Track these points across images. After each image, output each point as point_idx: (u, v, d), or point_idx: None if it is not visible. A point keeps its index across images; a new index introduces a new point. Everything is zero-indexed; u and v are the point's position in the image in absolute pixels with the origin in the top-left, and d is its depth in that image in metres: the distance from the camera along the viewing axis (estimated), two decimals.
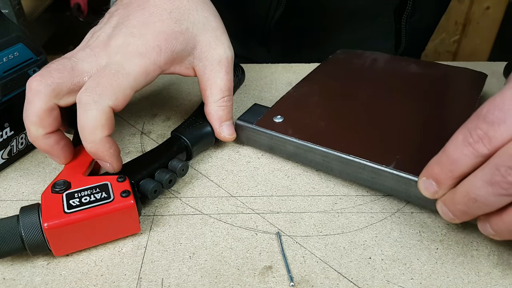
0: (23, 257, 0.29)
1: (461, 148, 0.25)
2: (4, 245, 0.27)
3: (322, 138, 0.35)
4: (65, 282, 0.28)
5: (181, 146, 0.36)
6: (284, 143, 0.36)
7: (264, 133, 0.37)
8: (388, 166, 0.32)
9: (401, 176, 0.31)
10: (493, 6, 1.63)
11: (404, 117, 0.38)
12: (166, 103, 0.47)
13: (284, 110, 0.40)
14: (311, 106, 0.41)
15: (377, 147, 0.34)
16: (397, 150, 0.33)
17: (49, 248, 0.28)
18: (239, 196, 0.35)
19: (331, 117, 0.38)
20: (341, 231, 0.31)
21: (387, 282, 0.28)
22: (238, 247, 0.30)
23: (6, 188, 0.35)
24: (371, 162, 0.32)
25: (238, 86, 0.49)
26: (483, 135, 0.24)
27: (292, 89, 0.44)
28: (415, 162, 0.31)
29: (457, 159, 0.26)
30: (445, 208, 0.28)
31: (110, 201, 0.29)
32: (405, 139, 0.35)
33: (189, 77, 0.38)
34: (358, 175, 0.34)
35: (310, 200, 0.34)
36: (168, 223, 0.32)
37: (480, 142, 0.25)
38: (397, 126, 0.37)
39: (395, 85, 0.44)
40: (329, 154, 0.34)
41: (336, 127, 0.37)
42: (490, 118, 0.24)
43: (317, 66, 0.49)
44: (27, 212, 0.28)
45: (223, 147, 0.40)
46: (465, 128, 0.26)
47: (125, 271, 0.28)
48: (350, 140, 0.35)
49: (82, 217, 0.28)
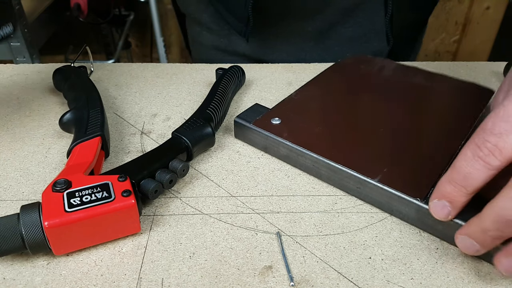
0: (23, 256, 0.29)
1: (472, 163, 0.25)
2: (4, 243, 0.27)
3: (314, 144, 0.36)
4: (65, 282, 0.28)
5: (182, 147, 0.36)
6: (277, 145, 0.37)
7: (260, 133, 0.38)
8: (374, 178, 0.32)
9: (385, 189, 0.31)
10: (493, 6, 1.63)
11: (400, 130, 0.38)
12: (166, 103, 0.47)
13: (283, 113, 0.40)
14: (310, 111, 0.41)
15: (366, 159, 0.34)
16: (386, 164, 0.33)
17: (49, 247, 0.28)
18: (239, 196, 0.35)
19: (327, 124, 0.39)
20: (341, 231, 0.31)
21: (387, 282, 0.28)
22: (238, 247, 0.30)
23: (6, 188, 0.35)
24: (358, 173, 0.33)
25: (238, 87, 0.49)
26: (493, 147, 0.24)
27: (295, 92, 0.44)
28: (400, 178, 0.32)
29: (469, 173, 0.25)
30: (469, 240, 0.27)
31: (111, 201, 0.29)
32: (395, 153, 0.35)
33: (189, 76, 0.38)
34: (344, 184, 0.34)
35: (310, 200, 0.34)
36: (168, 223, 0.32)
37: (491, 155, 0.25)
38: (391, 140, 0.37)
39: (397, 97, 0.43)
40: (318, 160, 0.35)
41: (330, 134, 0.37)
42: (497, 130, 0.24)
43: (324, 70, 0.49)
44: (28, 210, 0.28)
45: (223, 148, 0.40)
46: (472, 143, 0.25)
47: (125, 271, 0.28)
48: (341, 149, 0.35)
49: (83, 216, 0.28)
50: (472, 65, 0.56)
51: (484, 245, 0.26)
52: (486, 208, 0.25)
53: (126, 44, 1.75)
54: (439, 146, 0.35)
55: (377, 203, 0.33)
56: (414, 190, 0.31)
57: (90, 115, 0.38)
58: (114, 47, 1.73)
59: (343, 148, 0.35)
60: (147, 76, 0.53)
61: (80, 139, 0.35)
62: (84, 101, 0.40)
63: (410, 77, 0.47)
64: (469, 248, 0.27)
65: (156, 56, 1.81)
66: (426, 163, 0.33)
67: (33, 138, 0.41)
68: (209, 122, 0.38)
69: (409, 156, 0.35)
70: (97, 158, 0.35)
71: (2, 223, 0.28)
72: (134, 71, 0.54)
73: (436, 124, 0.39)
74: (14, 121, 0.44)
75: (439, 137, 0.37)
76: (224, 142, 0.41)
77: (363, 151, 0.35)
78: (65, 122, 0.38)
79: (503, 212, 0.24)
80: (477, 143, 0.25)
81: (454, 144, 0.35)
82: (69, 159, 0.33)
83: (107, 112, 0.45)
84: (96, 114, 0.38)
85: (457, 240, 0.28)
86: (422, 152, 0.35)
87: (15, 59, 1.15)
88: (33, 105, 0.46)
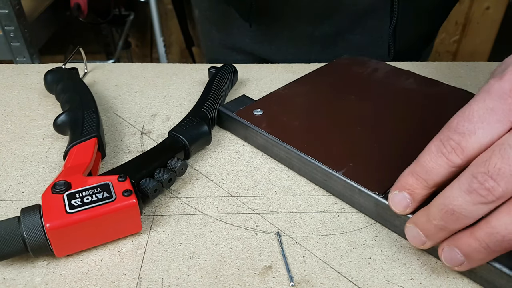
0: (23, 257, 0.29)
1: (435, 158, 0.26)
2: (6, 246, 0.27)
3: (290, 136, 0.37)
4: (65, 282, 0.28)
5: (179, 146, 0.36)
6: (256, 135, 0.39)
7: (241, 122, 0.40)
8: (338, 171, 0.33)
9: (347, 182, 0.33)
10: (493, 6, 1.63)
11: (377, 131, 0.39)
12: (166, 103, 0.47)
13: (266, 105, 0.42)
14: (292, 106, 0.42)
15: (336, 154, 0.35)
16: (353, 160, 0.34)
17: (51, 249, 0.28)
18: (239, 196, 0.35)
19: (306, 119, 0.40)
20: (341, 231, 0.31)
21: (387, 282, 0.28)
22: (238, 247, 0.30)
23: (6, 188, 0.35)
24: (324, 165, 0.34)
25: (231, 85, 0.49)
26: (455, 145, 0.25)
27: (283, 87, 0.46)
28: (364, 173, 0.33)
29: (432, 168, 0.26)
30: (416, 230, 0.27)
31: (112, 201, 0.29)
32: (366, 151, 0.36)
33: (189, 76, 0.38)
34: (313, 175, 0.35)
35: (310, 200, 0.34)
36: (168, 223, 0.32)
37: (453, 152, 0.25)
38: (365, 138, 0.37)
39: (382, 98, 0.44)
40: (290, 151, 0.36)
41: (307, 129, 0.39)
42: (461, 129, 0.25)
43: (316, 68, 0.49)
44: (28, 213, 0.28)
45: (223, 147, 0.40)
46: (437, 139, 0.26)
47: (125, 271, 0.28)
48: (314, 142, 0.37)
49: (85, 217, 0.28)
50: (472, 65, 0.56)
51: (429, 235, 0.27)
52: (435, 198, 0.26)
53: (126, 44, 1.75)
54: (413, 148, 0.35)
55: (341, 195, 0.34)
56: (375, 185, 0.32)
57: (85, 116, 0.38)
58: (114, 47, 1.73)
59: (316, 142, 0.37)
60: (147, 76, 0.53)
61: (77, 140, 0.35)
62: (78, 102, 0.40)
63: (400, 80, 0.47)
64: (416, 238, 0.27)
65: (156, 56, 1.81)
66: (394, 162, 0.34)
67: (33, 138, 0.41)
68: (205, 121, 0.39)
69: (379, 155, 0.35)
70: (94, 159, 0.35)
71: (2, 226, 0.27)
72: (134, 71, 0.54)
73: (415, 127, 0.39)
74: (14, 121, 0.44)
75: (415, 139, 0.37)
76: (224, 142, 0.41)
77: (335, 146, 0.36)
78: (60, 124, 0.38)
79: (446, 201, 0.25)
80: (441, 139, 0.26)
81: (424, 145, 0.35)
82: (67, 161, 0.33)
83: (107, 112, 0.45)
84: (91, 115, 0.38)
85: (406, 229, 0.28)
86: (393, 152, 0.36)
87: (15, 59, 1.15)
88: (33, 105, 0.46)
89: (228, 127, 0.43)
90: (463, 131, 0.25)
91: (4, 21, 1.09)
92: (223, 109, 0.42)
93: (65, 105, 0.41)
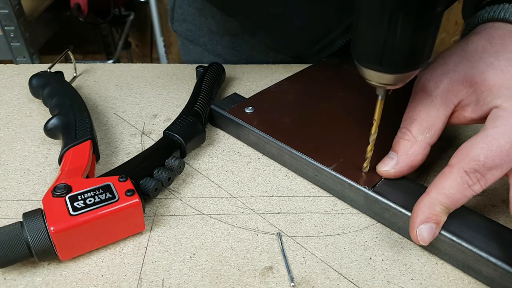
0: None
1: (461, 189, 0.28)
2: (10, 252, 0.27)
3: (281, 133, 0.38)
4: (65, 282, 0.28)
5: (175, 144, 0.37)
6: (247, 132, 0.39)
7: (232, 120, 0.40)
8: (329, 167, 0.34)
9: (338, 177, 0.33)
10: None
11: (364, 126, 0.38)
12: (166, 104, 0.47)
13: (258, 103, 0.42)
14: (283, 103, 0.43)
15: (326, 150, 0.36)
16: (343, 155, 0.35)
17: (55, 252, 0.28)
18: (239, 197, 0.35)
19: (297, 116, 0.41)
20: (342, 232, 0.31)
21: (387, 283, 0.28)
22: (239, 248, 0.30)
23: (7, 188, 0.35)
24: (315, 161, 0.35)
25: (219, 83, 0.49)
26: (481, 177, 0.27)
27: (274, 85, 0.46)
28: (354, 168, 0.34)
29: (459, 199, 0.28)
30: None
31: (115, 201, 0.29)
32: (356, 147, 0.36)
33: (189, 77, 0.38)
34: (304, 171, 0.36)
35: (311, 201, 0.34)
36: (168, 223, 0.32)
37: (478, 183, 0.27)
38: (355, 134, 0.38)
39: (370, 96, 0.43)
40: (282, 148, 0.37)
41: (297, 126, 0.39)
42: (489, 164, 0.27)
43: (307, 67, 0.50)
44: (31, 217, 0.28)
45: (223, 148, 0.40)
46: (460, 170, 0.28)
47: (126, 272, 0.28)
48: (305, 139, 0.37)
49: (90, 218, 0.28)
50: None
51: None
52: None
53: (126, 44, 1.75)
54: None
55: (332, 190, 0.35)
56: (365, 180, 0.32)
57: (77, 119, 0.37)
58: (114, 47, 1.73)
59: (307, 139, 0.37)
60: (148, 77, 0.53)
61: (71, 143, 0.35)
62: (68, 106, 0.39)
63: None
64: None
65: (156, 56, 1.82)
66: (383, 157, 0.34)
67: (33, 139, 0.41)
68: (198, 119, 0.39)
69: (365, 151, 0.35)
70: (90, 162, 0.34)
71: (5, 231, 0.27)
72: (135, 72, 0.54)
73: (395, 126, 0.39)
74: (14, 121, 0.44)
75: None
76: (224, 142, 0.41)
77: (325, 142, 0.37)
78: (51, 128, 0.37)
79: None
80: (467, 172, 0.27)
81: None
82: (63, 164, 0.33)
83: (107, 112, 0.45)
84: (83, 118, 0.38)
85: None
86: (383, 148, 0.36)
87: (15, 59, 1.15)
88: (33, 105, 0.46)
89: (220, 125, 0.43)
90: (491, 166, 0.27)
91: (4, 21, 1.09)
92: (215, 107, 0.42)
93: (54, 109, 0.40)
